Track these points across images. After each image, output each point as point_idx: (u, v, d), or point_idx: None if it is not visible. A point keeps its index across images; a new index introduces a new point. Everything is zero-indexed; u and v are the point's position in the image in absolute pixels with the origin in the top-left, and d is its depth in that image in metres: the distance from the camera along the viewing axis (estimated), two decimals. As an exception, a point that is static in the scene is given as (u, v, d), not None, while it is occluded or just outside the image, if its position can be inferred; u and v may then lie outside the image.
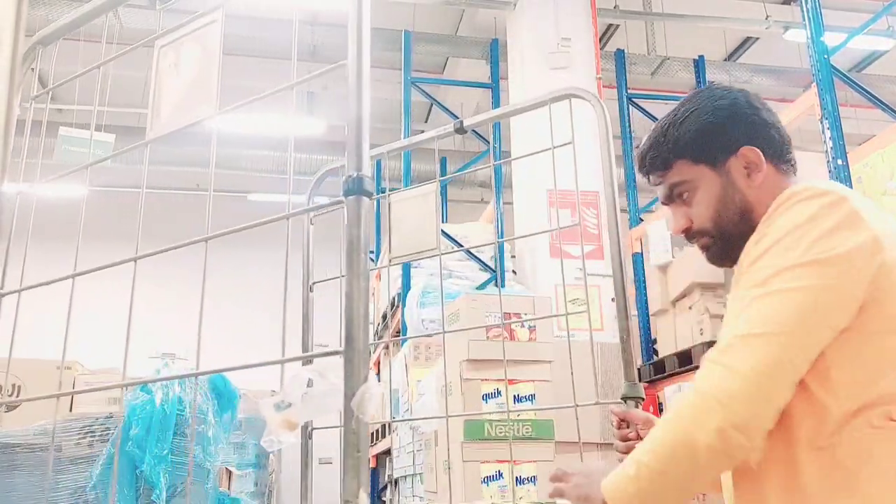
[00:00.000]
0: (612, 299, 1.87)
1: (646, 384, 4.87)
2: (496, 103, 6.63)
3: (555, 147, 1.76)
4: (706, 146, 1.24)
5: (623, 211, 5.13)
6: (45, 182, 1.17)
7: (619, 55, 6.91)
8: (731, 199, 1.22)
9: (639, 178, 1.42)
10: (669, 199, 1.30)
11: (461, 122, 1.88)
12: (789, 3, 8.06)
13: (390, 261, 1.80)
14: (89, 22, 1.16)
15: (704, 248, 1.28)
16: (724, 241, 1.24)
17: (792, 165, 1.26)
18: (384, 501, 6.42)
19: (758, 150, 1.22)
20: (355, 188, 0.80)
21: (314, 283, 1.89)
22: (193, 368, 0.96)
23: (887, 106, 3.44)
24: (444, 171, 8.55)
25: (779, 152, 1.25)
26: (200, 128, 0.96)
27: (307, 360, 1.05)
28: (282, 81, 0.98)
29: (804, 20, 3.33)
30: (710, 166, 1.24)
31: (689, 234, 1.28)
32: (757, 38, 9.00)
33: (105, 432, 3.06)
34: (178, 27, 1.00)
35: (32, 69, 1.22)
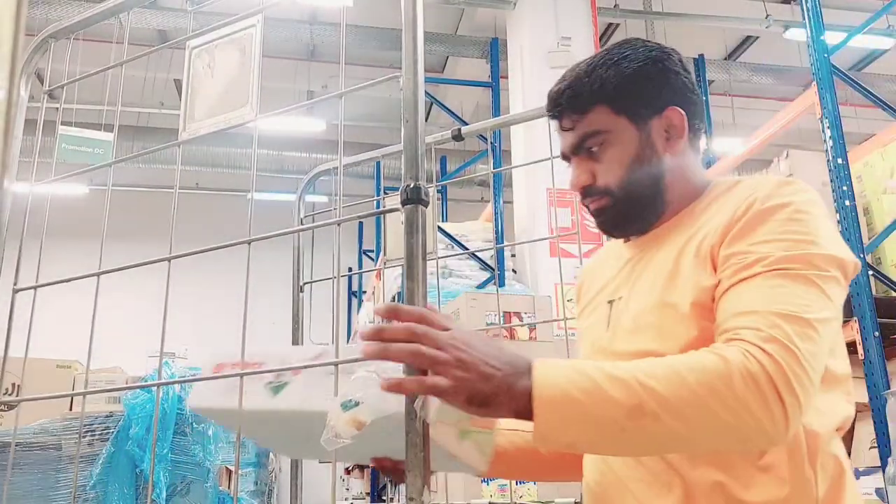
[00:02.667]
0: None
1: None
2: (496, 102, 6.62)
3: (553, 157, 1.77)
4: (633, 97, 1.08)
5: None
6: (56, 179, 1.16)
7: (619, 54, 6.89)
8: (648, 161, 1.08)
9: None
10: (576, 150, 1.11)
11: (458, 130, 1.88)
12: (789, 2, 8.06)
13: (385, 263, 1.80)
14: (103, 21, 1.16)
15: (600, 211, 1.11)
16: (627, 206, 1.09)
17: (699, 141, 1.15)
18: (384, 500, 6.42)
19: (683, 114, 1.09)
20: (414, 197, 0.80)
21: (305, 284, 1.89)
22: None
23: (887, 105, 3.44)
24: (443, 170, 8.54)
25: (698, 124, 1.13)
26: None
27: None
28: (282, 80, 0.99)
29: (804, 19, 3.33)
30: (632, 121, 1.08)
31: (588, 193, 1.11)
32: (757, 37, 9.00)
33: (105, 431, 3.06)
34: (212, 29, 1.00)
35: (35, 73, 1.21)
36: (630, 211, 1.10)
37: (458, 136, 1.89)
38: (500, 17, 7.21)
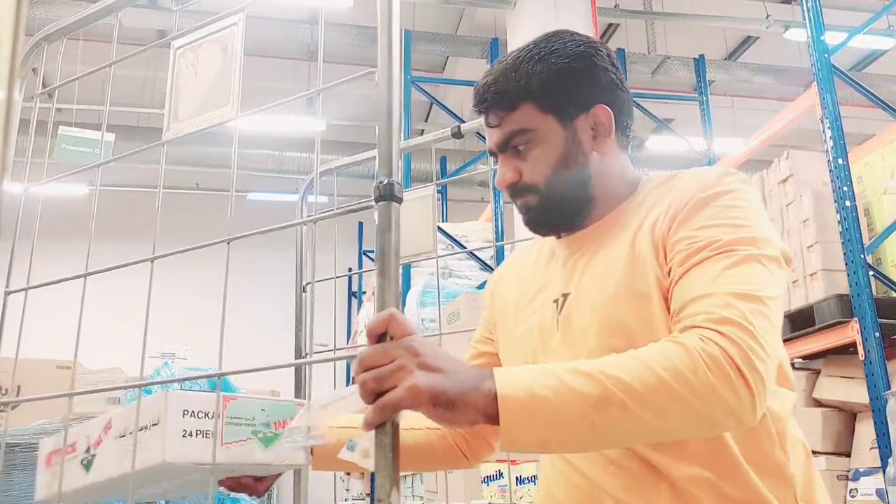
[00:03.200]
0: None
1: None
2: (496, 102, 6.62)
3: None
4: (560, 94, 1.07)
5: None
6: (50, 181, 1.16)
7: (620, 54, 6.90)
8: (575, 160, 1.07)
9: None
10: (502, 148, 1.10)
11: (458, 127, 1.87)
12: (789, 3, 8.05)
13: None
14: (96, 21, 1.16)
15: (527, 209, 1.10)
16: (553, 204, 1.08)
17: (629, 139, 1.14)
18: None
19: (610, 112, 1.08)
20: (387, 194, 0.80)
21: (307, 284, 1.89)
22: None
23: (888, 105, 3.44)
24: (444, 171, 8.54)
25: (626, 121, 1.12)
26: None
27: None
28: (282, 80, 0.99)
29: (804, 19, 3.33)
30: (558, 119, 1.07)
31: (514, 191, 1.10)
32: (757, 38, 9.00)
33: (105, 432, 3.06)
34: (197, 28, 1.00)
35: (34, 70, 1.21)
36: (557, 209, 1.09)
37: (457, 134, 1.88)
38: (500, 17, 7.21)
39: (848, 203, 2.98)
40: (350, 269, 9.66)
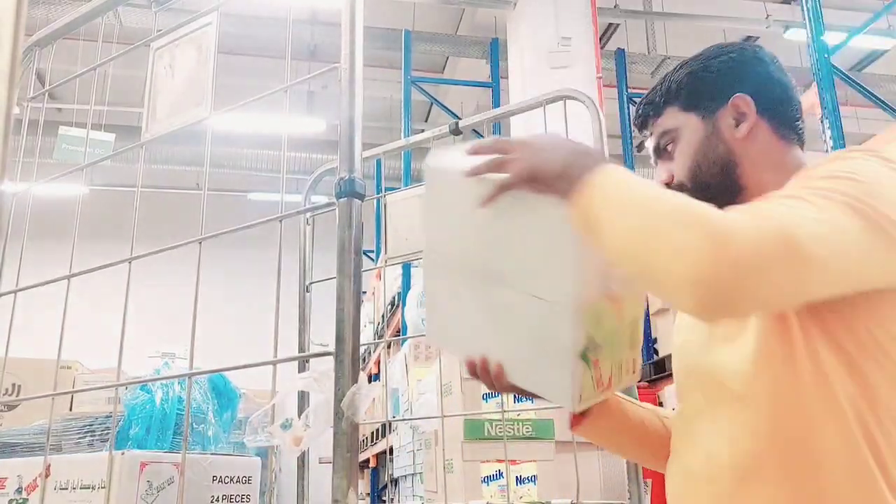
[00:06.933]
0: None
1: (646, 383, 4.86)
2: (496, 102, 6.62)
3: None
4: (696, 92, 1.16)
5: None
6: (43, 182, 1.17)
7: (620, 54, 6.90)
8: (713, 148, 1.13)
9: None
10: (657, 153, 1.20)
11: (456, 124, 1.88)
12: (789, 3, 8.06)
13: (385, 262, 1.80)
14: (87, 23, 1.16)
15: None
16: (702, 196, 1.06)
17: (798, 135, 1.15)
18: (384, 501, 6.42)
19: (749, 100, 1.13)
20: (347, 190, 0.80)
21: (311, 284, 1.89)
22: (188, 368, 0.96)
23: (887, 105, 3.44)
24: (444, 171, 8.54)
25: (779, 111, 1.15)
26: (199, 127, 0.97)
27: (302, 361, 1.04)
28: (280, 81, 0.99)
29: (804, 19, 3.33)
30: (699, 115, 1.15)
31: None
32: (757, 38, 9.00)
33: (105, 432, 3.06)
34: (174, 29, 1.00)
35: (29, 69, 1.22)
36: (703, 199, 1.07)
37: (455, 131, 1.88)
38: (500, 17, 7.21)
39: (848, 203, 2.98)
40: (350, 269, 9.66)
